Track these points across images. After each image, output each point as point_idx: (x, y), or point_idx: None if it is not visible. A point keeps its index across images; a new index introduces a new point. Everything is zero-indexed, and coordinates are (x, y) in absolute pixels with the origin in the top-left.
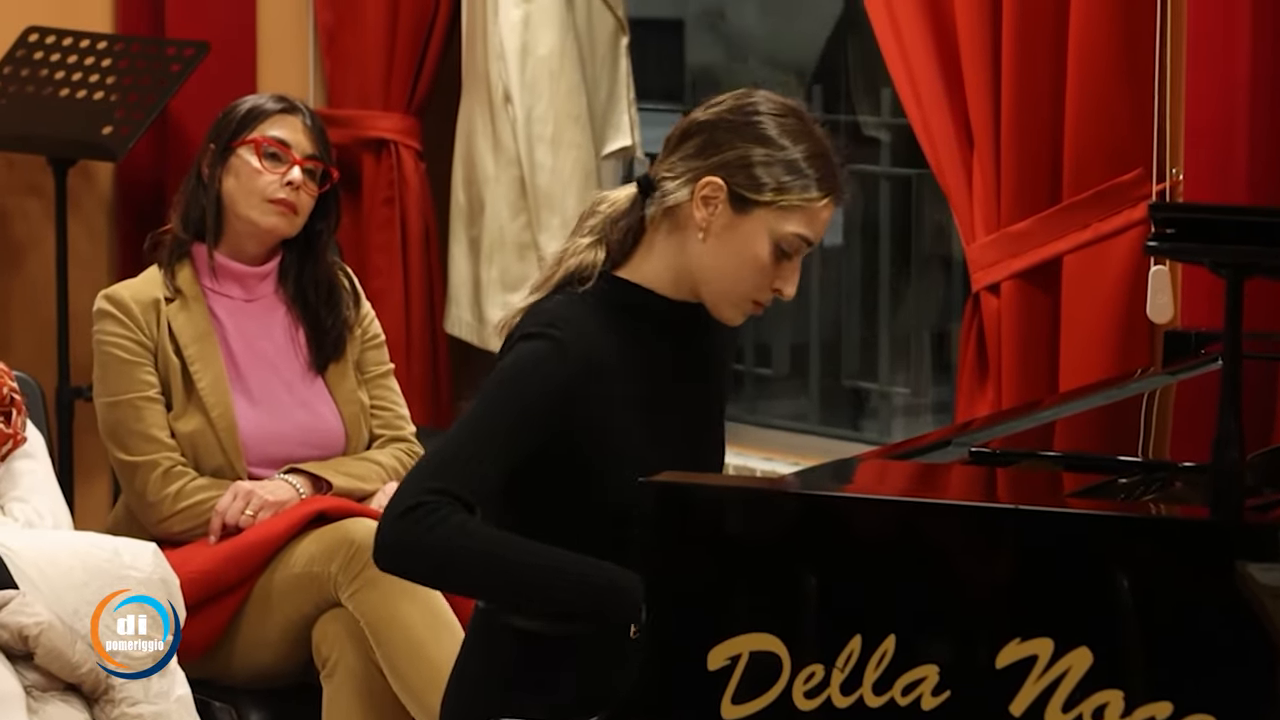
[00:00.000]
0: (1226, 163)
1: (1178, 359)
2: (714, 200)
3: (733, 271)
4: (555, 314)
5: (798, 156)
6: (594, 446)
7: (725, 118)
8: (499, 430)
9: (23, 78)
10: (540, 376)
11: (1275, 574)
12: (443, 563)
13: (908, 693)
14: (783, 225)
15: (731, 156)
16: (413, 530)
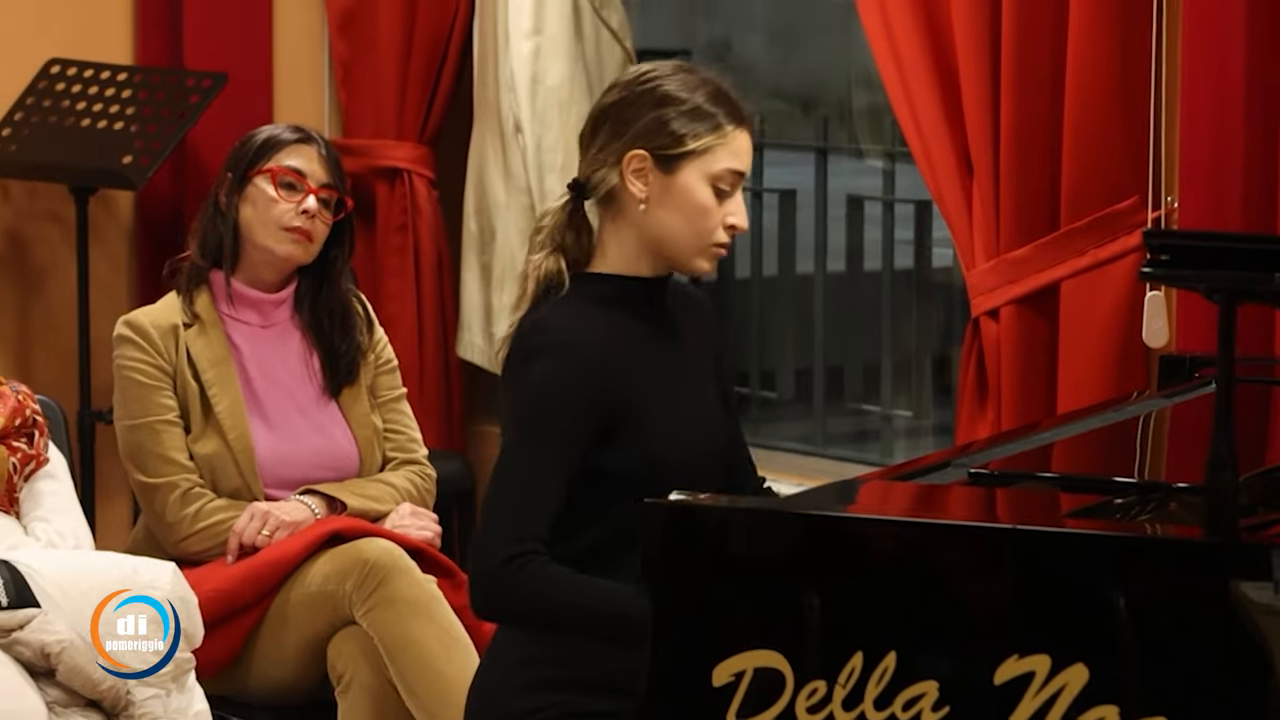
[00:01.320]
0: (1220, 191)
1: (1173, 382)
2: (642, 170)
3: (685, 226)
4: (549, 323)
5: (701, 102)
6: (627, 425)
7: (625, 95)
8: (548, 461)
9: (45, 108)
10: (562, 393)
11: (1269, 593)
12: (535, 617)
13: (908, 708)
14: (712, 166)
15: (645, 125)
16: (509, 585)
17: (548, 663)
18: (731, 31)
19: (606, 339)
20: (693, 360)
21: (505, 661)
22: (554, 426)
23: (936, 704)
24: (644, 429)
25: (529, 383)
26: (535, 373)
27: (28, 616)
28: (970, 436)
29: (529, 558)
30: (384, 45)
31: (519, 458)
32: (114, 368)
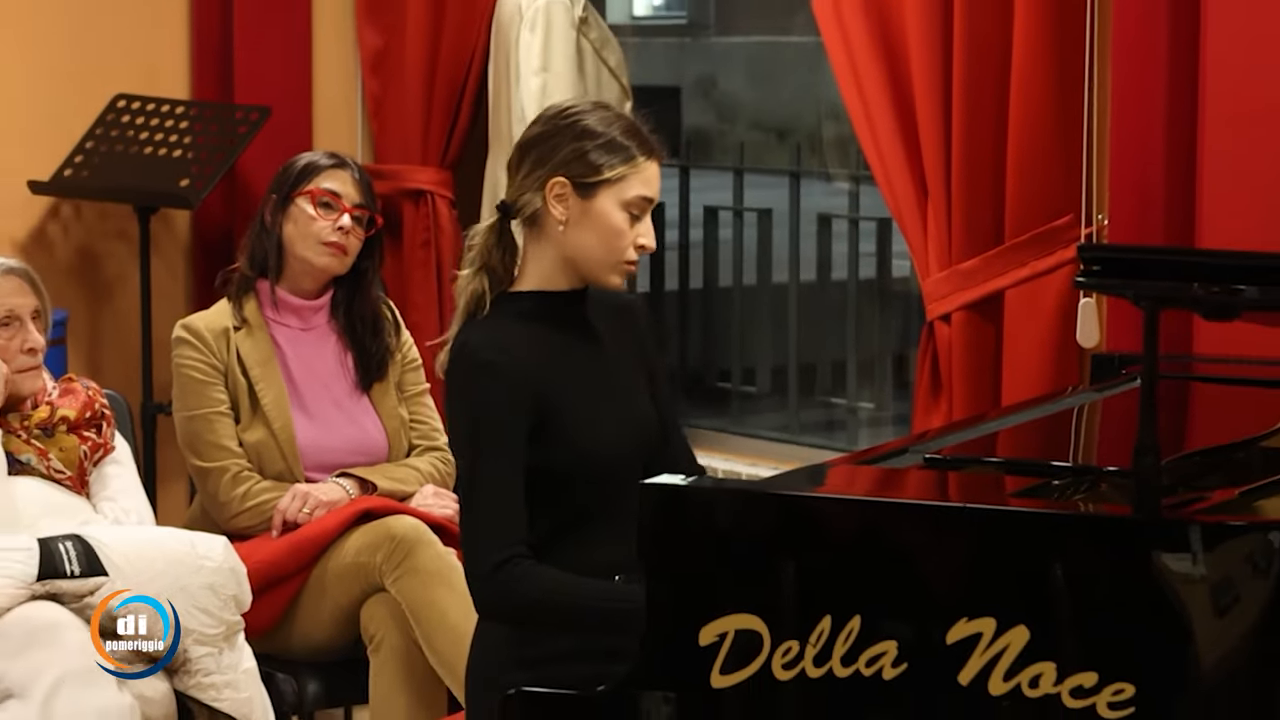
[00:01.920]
0: (1145, 210)
1: (1103, 378)
2: (563, 195)
3: (599, 245)
4: (477, 345)
5: (616, 135)
6: (553, 424)
7: (548, 129)
8: (504, 472)
9: (113, 138)
10: (496, 408)
11: (1187, 563)
12: (532, 614)
13: (871, 665)
14: (625, 193)
15: (566, 155)
16: (504, 588)
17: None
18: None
19: (528, 351)
20: (616, 361)
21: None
22: (497, 441)
23: (896, 661)
24: (570, 428)
25: (469, 405)
26: (470, 395)
27: (97, 584)
28: (925, 426)
29: (516, 561)
30: (410, 82)
31: (479, 475)
32: (173, 366)
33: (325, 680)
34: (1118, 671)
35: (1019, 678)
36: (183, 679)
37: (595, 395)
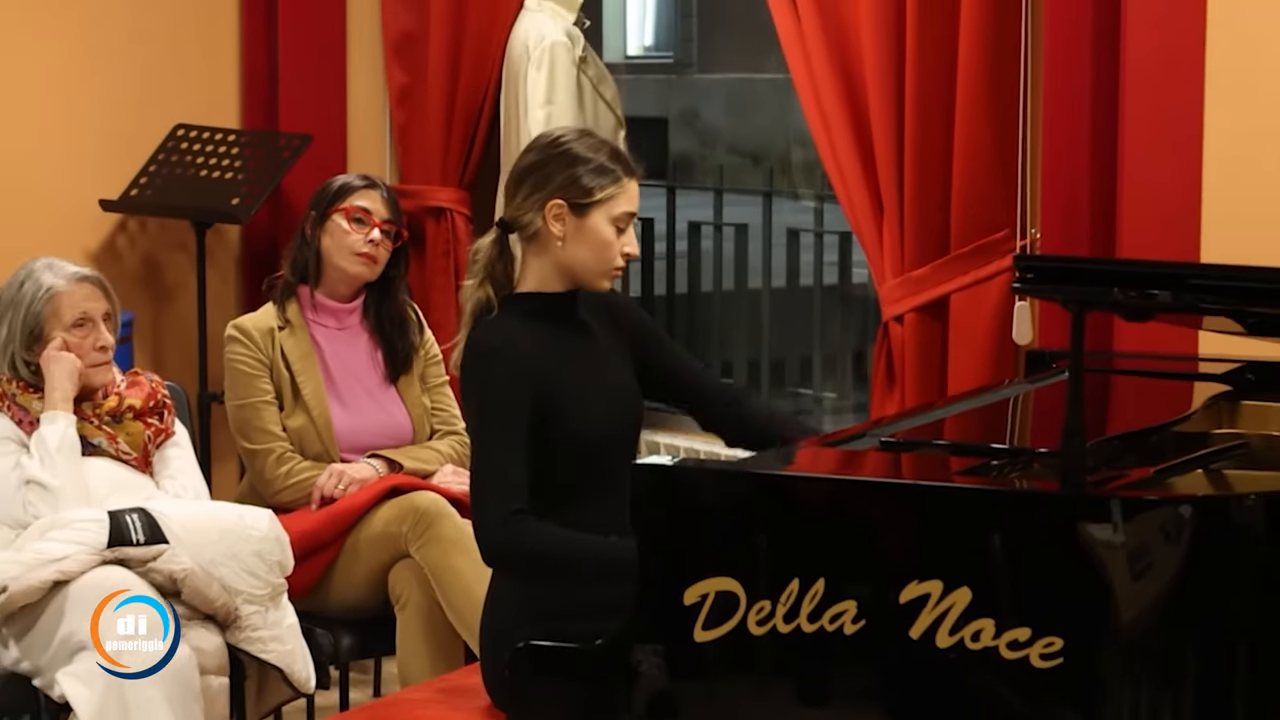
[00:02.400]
0: (1072, 224)
1: (1035, 372)
2: (561, 215)
3: (593, 256)
4: (487, 341)
5: (604, 160)
6: (551, 406)
7: (542, 157)
8: (505, 444)
9: (173, 162)
10: (503, 390)
11: (1107, 533)
12: (532, 563)
13: (834, 621)
14: (614, 210)
15: (561, 181)
16: (507, 540)
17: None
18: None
19: (529, 343)
20: (604, 351)
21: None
22: (503, 417)
23: (856, 618)
24: (565, 409)
25: (478, 389)
26: (480, 381)
27: (159, 550)
28: (881, 413)
29: (518, 517)
30: (432, 113)
31: (486, 447)
32: (225, 361)
33: (358, 635)
34: (1048, 627)
35: (963, 632)
36: (234, 633)
37: (586, 381)
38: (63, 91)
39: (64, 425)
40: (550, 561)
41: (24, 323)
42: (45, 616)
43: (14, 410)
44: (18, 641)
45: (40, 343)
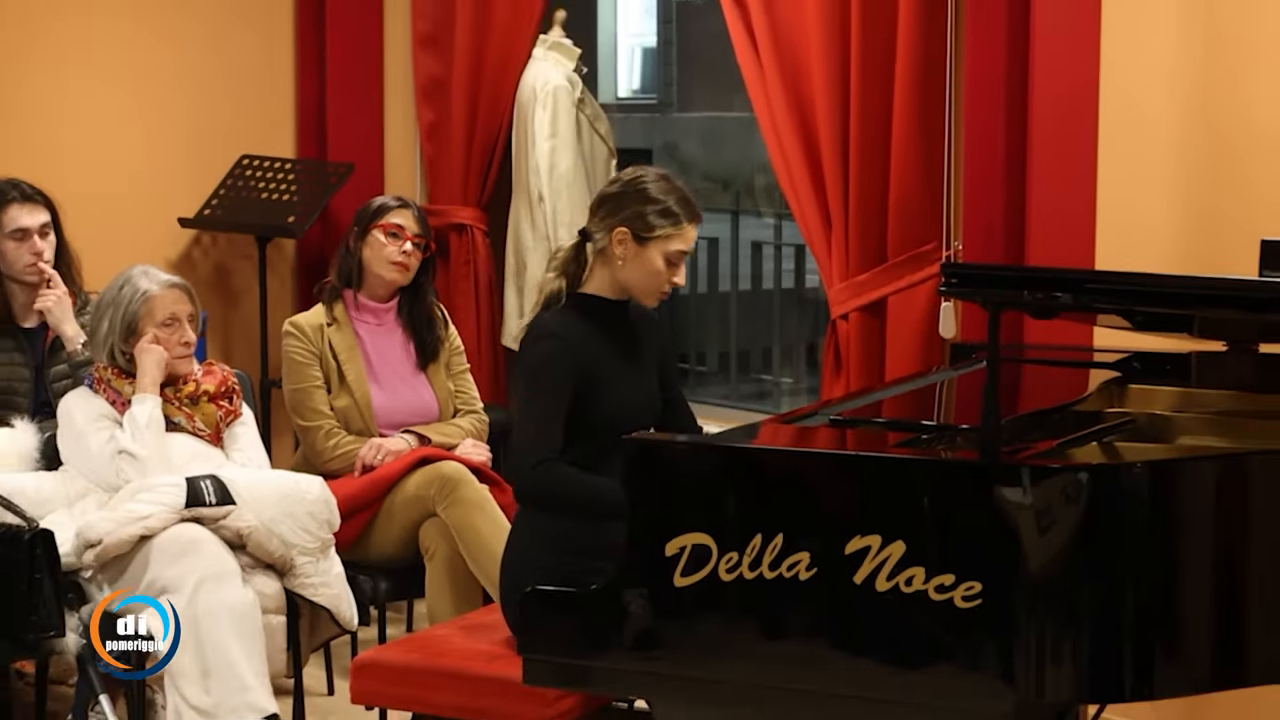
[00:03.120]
0: (989, 238)
1: (959, 361)
2: (624, 241)
3: (645, 279)
4: (549, 323)
5: (671, 204)
6: (591, 387)
7: (623, 189)
8: (550, 404)
9: (239, 186)
10: (555, 363)
11: (1018, 495)
12: (556, 500)
13: (790, 569)
14: (668, 247)
15: (630, 214)
16: (539, 480)
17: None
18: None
19: (582, 335)
20: (639, 355)
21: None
22: (549, 385)
23: (809, 566)
24: (601, 394)
25: (534, 359)
26: (537, 353)
27: (228, 510)
28: (829, 395)
29: (549, 463)
30: (455, 144)
31: (531, 405)
32: (282, 353)
33: (393, 581)
34: (969, 573)
35: (898, 578)
36: (290, 580)
37: (620, 374)
38: (149, 128)
39: (151, 406)
40: (573, 499)
41: (122, 319)
42: (133, 565)
43: (109, 392)
44: (110, 585)
45: (135, 337)
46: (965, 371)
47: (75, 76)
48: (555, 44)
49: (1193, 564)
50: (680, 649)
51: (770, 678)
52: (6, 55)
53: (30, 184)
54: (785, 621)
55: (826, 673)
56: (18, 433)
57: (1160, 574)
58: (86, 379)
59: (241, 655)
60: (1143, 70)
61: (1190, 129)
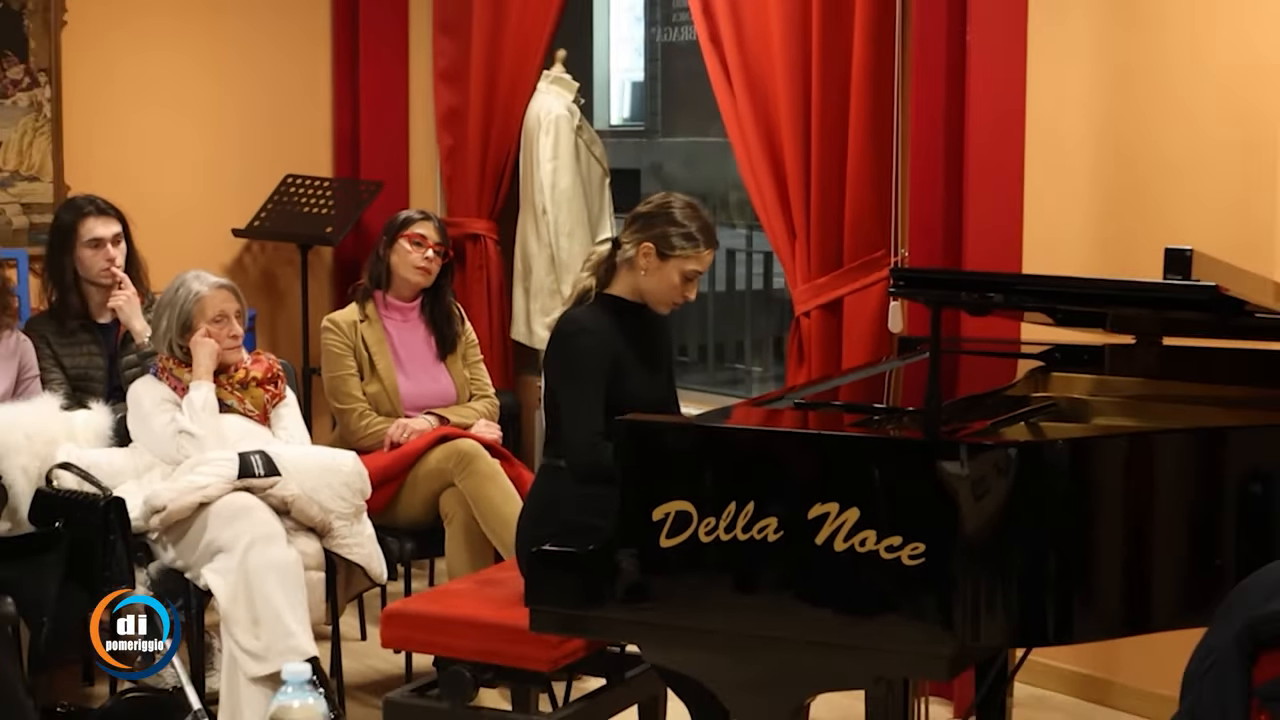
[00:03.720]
0: (930, 246)
1: (905, 352)
2: (649, 255)
3: (662, 290)
4: (582, 318)
5: (692, 229)
6: (617, 377)
7: (654, 210)
8: (591, 390)
9: (284, 202)
10: (589, 356)
11: (956, 467)
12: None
13: (760, 532)
14: (685, 265)
15: (656, 232)
16: (596, 458)
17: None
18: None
19: (608, 331)
20: (652, 353)
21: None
22: (591, 374)
23: (776, 530)
24: (625, 384)
25: (571, 351)
26: (574, 346)
27: (274, 481)
28: (794, 382)
29: (600, 443)
30: (470, 165)
31: (573, 394)
32: (321, 345)
33: (417, 542)
34: (914, 536)
35: (853, 540)
36: (328, 540)
37: (638, 368)
38: (206, 151)
39: (206, 391)
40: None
41: (178, 317)
42: (193, 528)
43: (171, 379)
44: (174, 546)
45: (190, 332)
46: (911, 361)
47: (144, 107)
48: (557, 79)
49: (1106, 527)
50: (665, 601)
51: (743, 626)
52: (89, 90)
53: (105, 199)
54: (756, 577)
55: (791, 621)
56: (94, 414)
57: (1078, 536)
58: (152, 368)
59: (286, 606)
60: (1062, 102)
61: (1103, 152)
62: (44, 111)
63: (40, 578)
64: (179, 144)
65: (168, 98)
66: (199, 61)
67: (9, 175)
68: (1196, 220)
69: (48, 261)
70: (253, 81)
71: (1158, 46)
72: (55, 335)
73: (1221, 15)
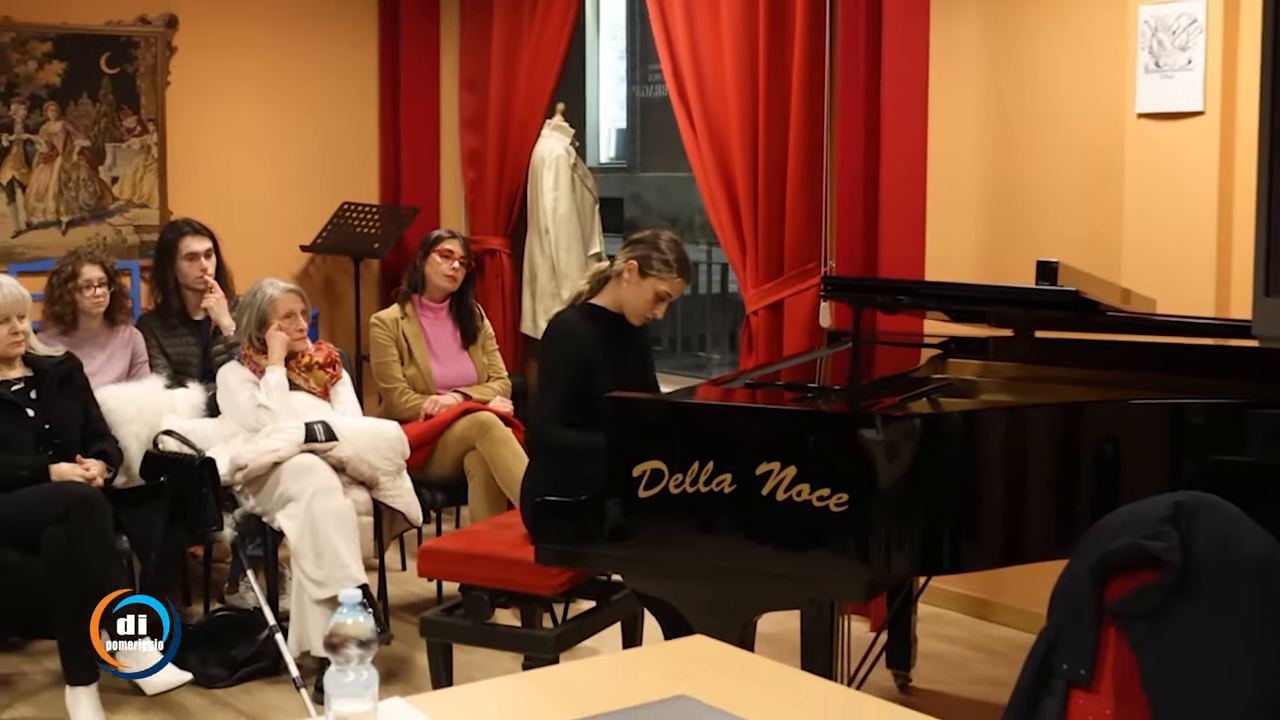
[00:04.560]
0: (852, 258)
1: (833, 343)
2: (632, 270)
3: (636, 302)
4: (567, 322)
5: (670, 258)
6: (591, 373)
7: (644, 237)
8: (561, 380)
9: (340, 224)
10: (567, 349)
11: (873, 434)
12: (559, 451)
13: (719, 486)
14: (659, 285)
15: (641, 253)
16: (551, 437)
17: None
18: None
19: (588, 332)
20: (624, 357)
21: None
22: (565, 369)
23: (731, 484)
24: (595, 380)
25: (548, 349)
26: (557, 344)
27: (333, 445)
28: (744, 367)
29: (558, 426)
30: (488, 194)
31: (548, 382)
32: (370, 337)
33: (446, 493)
34: (840, 488)
35: (791, 491)
36: (376, 492)
37: (609, 367)
38: (279, 183)
39: (279, 373)
40: (573, 449)
41: (256, 315)
42: (269, 482)
43: (251, 364)
44: (254, 496)
45: (266, 326)
46: (837, 350)
47: (230, 149)
48: (557, 125)
49: (989, 481)
50: (643, 540)
51: (703, 559)
52: (187, 135)
53: (199, 221)
54: (714, 521)
55: (742, 556)
56: (191, 392)
57: (968, 488)
58: (236, 355)
59: (342, 544)
60: (955, 145)
61: (987, 184)
62: (152, 153)
63: (149, 521)
64: (257, 178)
65: (248, 141)
66: (273, 114)
67: (124, 203)
68: (1060, 238)
69: (154, 271)
70: (316, 129)
71: (1030, 102)
72: (160, 329)
73: (1079, 78)
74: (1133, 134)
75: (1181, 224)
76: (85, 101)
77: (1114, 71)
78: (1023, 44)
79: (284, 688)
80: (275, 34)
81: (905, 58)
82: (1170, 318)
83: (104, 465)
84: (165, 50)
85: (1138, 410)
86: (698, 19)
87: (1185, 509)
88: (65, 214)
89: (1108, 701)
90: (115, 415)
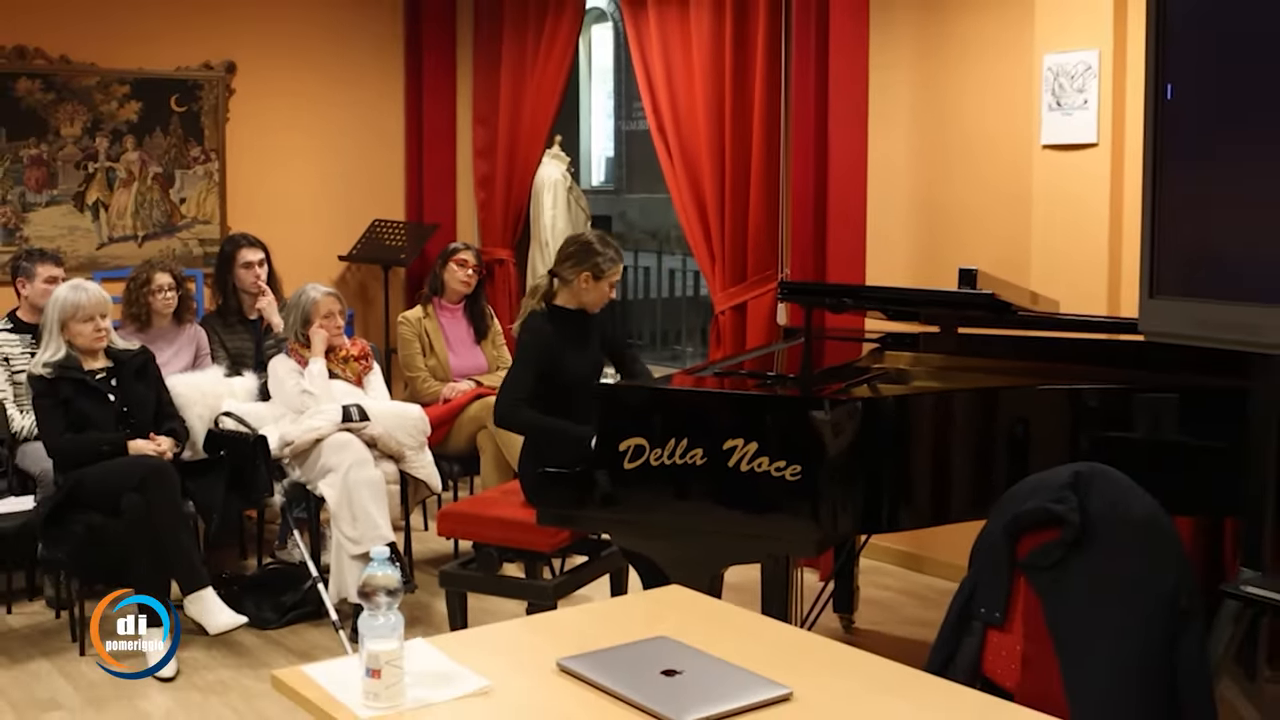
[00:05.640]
0: (805, 266)
1: (789, 338)
2: (587, 280)
3: (597, 299)
4: (532, 323)
5: (610, 254)
6: (555, 364)
7: (579, 247)
8: (525, 371)
9: (372, 239)
10: (534, 348)
11: (822, 414)
12: (521, 429)
13: (691, 458)
14: (611, 279)
15: (589, 262)
16: (513, 414)
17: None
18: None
19: (551, 329)
20: (586, 341)
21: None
22: (529, 359)
23: (702, 457)
24: (561, 367)
25: (522, 343)
26: (525, 340)
27: (366, 425)
28: (713, 358)
29: (521, 404)
30: (497, 212)
31: (515, 370)
32: (397, 333)
33: (462, 465)
34: (794, 460)
35: (753, 464)
36: (402, 464)
37: (573, 352)
38: (321, 202)
39: (320, 365)
40: (534, 428)
41: (301, 315)
42: (310, 456)
43: (296, 357)
44: (299, 467)
45: (308, 325)
46: (792, 345)
47: (279, 173)
48: (555, 154)
49: (920, 455)
50: (628, 505)
51: (679, 522)
52: (243, 163)
53: (253, 235)
54: (688, 489)
55: (711, 518)
56: (246, 380)
57: (902, 460)
58: (284, 349)
59: (375, 508)
60: (891, 167)
61: (918, 200)
62: (214, 177)
63: (211, 488)
64: (302, 198)
65: (295, 168)
66: (315, 145)
67: (191, 220)
68: (980, 247)
69: (215, 278)
70: (352, 158)
71: (953, 135)
72: (220, 327)
73: (994, 114)
74: (1039, 162)
75: (1080, 237)
76: (158, 135)
77: (1022, 109)
78: (947, 86)
79: (325, 629)
80: (318, 79)
81: (849, 97)
82: (1071, 316)
83: (173, 441)
84: (225, 92)
85: (1044, 395)
86: (674, 64)
87: (1083, 477)
88: (141, 229)
89: (1018, 639)
90: (182, 399)
